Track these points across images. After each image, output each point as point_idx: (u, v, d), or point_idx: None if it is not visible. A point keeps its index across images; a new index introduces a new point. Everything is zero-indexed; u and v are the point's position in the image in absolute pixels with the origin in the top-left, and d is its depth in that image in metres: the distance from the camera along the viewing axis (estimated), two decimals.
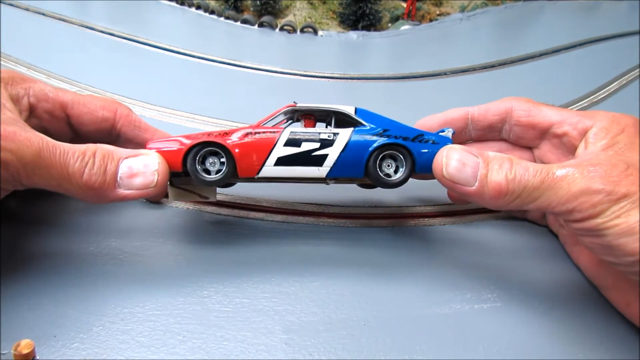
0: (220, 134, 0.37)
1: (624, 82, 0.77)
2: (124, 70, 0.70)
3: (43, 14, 0.85)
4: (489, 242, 0.44)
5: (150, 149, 0.37)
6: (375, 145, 0.37)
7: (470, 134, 0.44)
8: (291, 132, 0.37)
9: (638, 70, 0.81)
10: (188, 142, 0.36)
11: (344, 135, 0.37)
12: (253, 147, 0.37)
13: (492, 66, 0.81)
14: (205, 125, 0.58)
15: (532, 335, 0.36)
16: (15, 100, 0.36)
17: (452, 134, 0.40)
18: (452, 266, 0.41)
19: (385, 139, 0.38)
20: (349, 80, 0.75)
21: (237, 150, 0.36)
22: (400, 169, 0.38)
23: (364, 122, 0.38)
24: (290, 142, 0.37)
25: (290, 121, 0.40)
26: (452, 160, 0.35)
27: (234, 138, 0.37)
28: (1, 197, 0.32)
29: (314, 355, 0.33)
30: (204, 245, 0.41)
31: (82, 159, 0.33)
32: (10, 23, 0.79)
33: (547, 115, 0.40)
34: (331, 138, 0.37)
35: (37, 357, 0.30)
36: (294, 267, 0.40)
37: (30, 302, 0.34)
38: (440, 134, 0.39)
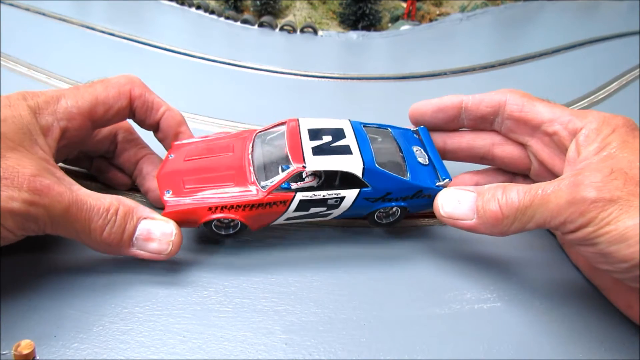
0: (234, 205, 0.37)
1: (624, 82, 0.77)
2: (124, 70, 0.70)
3: (43, 14, 0.85)
4: (489, 242, 0.44)
5: (170, 209, 0.37)
6: (376, 208, 0.40)
7: (462, 122, 0.44)
8: (300, 200, 0.38)
9: (638, 70, 0.81)
10: (209, 208, 0.37)
11: (350, 198, 0.39)
12: (265, 215, 0.38)
13: (492, 66, 0.81)
14: (205, 125, 0.58)
15: (532, 335, 0.36)
16: (46, 130, 0.35)
17: (449, 181, 0.41)
18: (452, 266, 0.41)
19: (387, 203, 0.40)
20: (349, 80, 0.75)
21: (249, 221, 0.38)
22: (393, 217, 0.42)
23: (368, 185, 0.39)
24: (299, 208, 0.38)
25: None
26: (447, 199, 0.38)
27: (246, 208, 0.37)
28: (16, 240, 0.33)
29: (314, 355, 0.33)
30: (203, 245, 0.41)
31: (105, 216, 0.34)
32: (10, 23, 0.79)
33: (540, 112, 0.40)
34: (337, 203, 0.39)
35: (37, 357, 0.30)
36: (294, 267, 0.40)
37: (30, 302, 0.34)
38: (438, 184, 0.41)
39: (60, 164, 0.38)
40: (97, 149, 0.44)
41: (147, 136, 0.45)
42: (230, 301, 0.37)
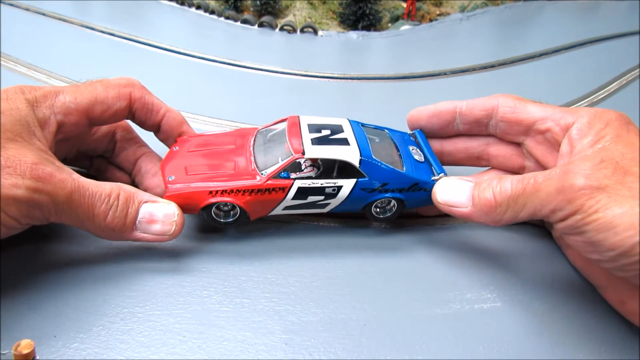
0: (234, 189, 0.38)
1: (624, 82, 0.77)
2: (124, 70, 0.70)
3: (43, 14, 0.85)
4: (489, 242, 0.44)
5: (172, 192, 0.38)
6: (373, 199, 0.41)
7: (457, 128, 0.45)
8: (299, 187, 0.38)
9: (638, 70, 0.81)
10: (209, 192, 0.38)
11: (347, 188, 0.39)
12: (264, 202, 0.39)
13: (492, 66, 0.81)
14: (205, 125, 0.58)
15: (532, 335, 0.36)
16: (43, 123, 0.36)
17: (445, 176, 0.41)
18: (452, 266, 0.41)
19: (384, 193, 0.40)
20: (349, 80, 0.75)
21: (249, 206, 0.39)
22: (390, 211, 0.42)
23: (365, 175, 0.39)
24: (297, 196, 0.39)
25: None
26: (445, 187, 0.39)
27: (246, 193, 0.38)
28: (22, 229, 0.33)
29: (314, 355, 0.33)
30: (204, 245, 0.42)
31: (107, 201, 0.35)
32: (10, 23, 0.79)
33: (531, 112, 0.41)
34: (335, 192, 0.39)
35: (37, 357, 0.30)
36: (294, 267, 0.40)
37: (30, 302, 0.34)
38: (433, 178, 0.41)
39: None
40: (95, 148, 0.44)
41: (145, 134, 0.45)
42: (230, 301, 0.37)
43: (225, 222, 0.40)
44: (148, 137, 0.45)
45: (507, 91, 0.44)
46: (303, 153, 0.38)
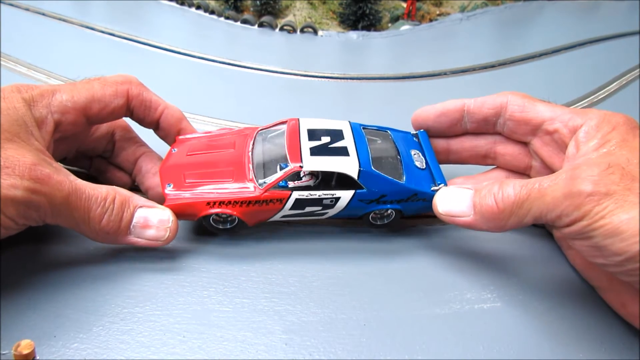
0: (232, 201, 0.38)
1: (624, 82, 0.77)
2: (124, 70, 0.70)
3: (43, 14, 0.85)
4: (489, 243, 0.44)
5: (170, 202, 0.38)
6: (371, 209, 0.41)
7: (465, 126, 0.45)
8: (296, 199, 0.38)
9: (638, 70, 0.81)
10: (207, 203, 0.38)
11: (345, 199, 0.39)
12: (261, 212, 0.39)
13: (492, 66, 0.81)
14: (205, 125, 0.58)
15: (532, 336, 0.36)
16: (40, 122, 0.36)
17: (444, 186, 0.41)
18: (452, 266, 0.41)
19: (382, 205, 0.40)
20: (349, 80, 0.75)
21: (247, 217, 0.39)
22: (388, 218, 0.43)
23: (363, 186, 0.39)
24: (295, 207, 0.39)
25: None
26: (445, 197, 0.39)
27: (244, 204, 0.38)
28: (18, 230, 0.33)
29: (314, 355, 0.33)
30: (204, 245, 0.42)
31: (103, 204, 0.35)
32: (10, 23, 0.79)
33: (540, 111, 0.41)
34: (333, 203, 0.39)
35: (37, 357, 0.30)
36: (294, 267, 0.40)
37: (30, 302, 0.34)
38: (433, 188, 0.41)
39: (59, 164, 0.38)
40: (94, 148, 0.44)
41: (145, 134, 0.45)
42: (230, 301, 0.37)
43: (223, 229, 0.40)
44: (148, 137, 0.45)
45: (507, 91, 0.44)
46: (301, 166, 0.37)
